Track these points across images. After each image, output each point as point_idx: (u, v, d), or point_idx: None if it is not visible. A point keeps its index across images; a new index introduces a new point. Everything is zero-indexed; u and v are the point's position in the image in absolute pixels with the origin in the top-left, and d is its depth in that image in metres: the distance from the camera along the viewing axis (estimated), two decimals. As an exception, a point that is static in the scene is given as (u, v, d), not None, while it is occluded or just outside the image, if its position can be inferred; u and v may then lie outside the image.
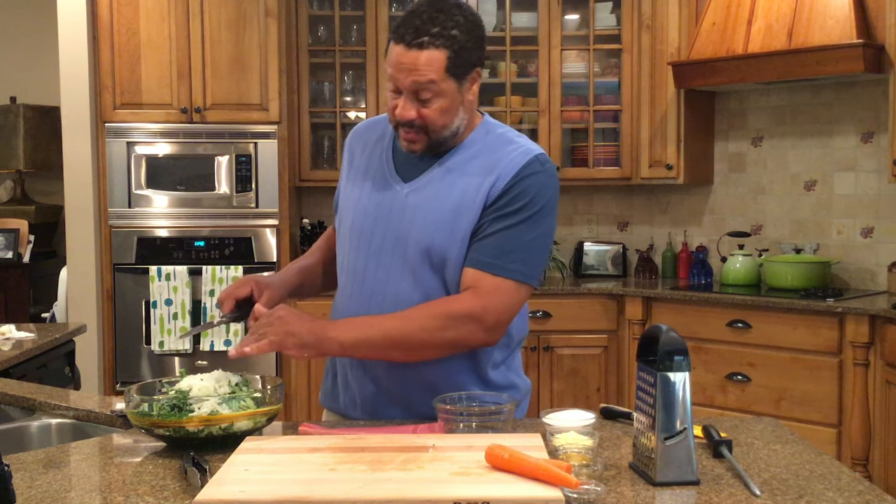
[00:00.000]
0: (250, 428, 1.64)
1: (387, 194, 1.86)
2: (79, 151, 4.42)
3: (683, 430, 1.42)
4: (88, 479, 1.50)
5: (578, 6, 4.79)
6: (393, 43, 1.74)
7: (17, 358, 2.86)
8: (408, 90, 1.74)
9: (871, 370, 3.64)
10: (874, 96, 4.15)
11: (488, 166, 1.80)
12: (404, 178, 1.85)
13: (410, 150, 1.81)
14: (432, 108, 1.75)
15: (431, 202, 1.81)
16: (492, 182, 1.78)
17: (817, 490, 1.39)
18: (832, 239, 4.34)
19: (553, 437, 1.55)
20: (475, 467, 1.40)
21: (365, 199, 1.88)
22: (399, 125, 1.79)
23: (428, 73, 1.72)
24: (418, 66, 1.71)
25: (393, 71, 1.74)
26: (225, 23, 4.42)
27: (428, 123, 1.76)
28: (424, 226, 1.80)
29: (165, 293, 4.38)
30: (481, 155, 1.82)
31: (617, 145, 4.75)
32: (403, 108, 1.75)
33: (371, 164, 1.92)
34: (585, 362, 4.43)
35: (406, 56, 1.71)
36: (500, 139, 1.85)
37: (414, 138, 1.79)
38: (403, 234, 1.82)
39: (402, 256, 1.82)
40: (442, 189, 1.81)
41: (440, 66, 1.72)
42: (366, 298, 1.84)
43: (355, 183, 1.93)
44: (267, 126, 4.46)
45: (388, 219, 1.84)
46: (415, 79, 1.72)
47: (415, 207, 1.81)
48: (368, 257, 1.85)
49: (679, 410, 1.42)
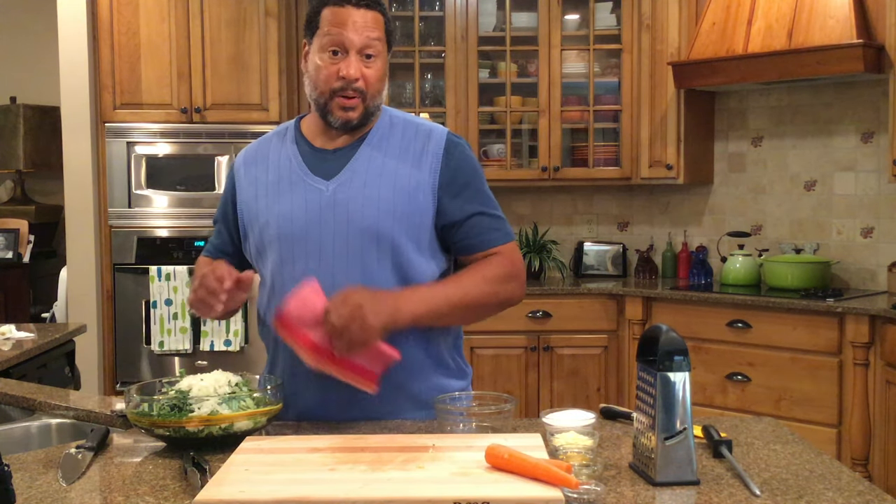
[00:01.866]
0: (250, 428, 1.64)
1: (310, 196, 1.83)
2: (79, 151, 4.42)
3: (683, 430, 1.42)
4: (88, 479, 1.50)
5: (578, 6, 4.79)
6: (333, 6, 1.80)
7: (17, 358, 2.86)
8: (356, 48, 1.79)
9: (871, 370, 3.64)
10: (874, 96, 4.15)
11: (411, 147, 1.86)
12: (323, 176, 1.85)
13: (347, 117, 1.81)
14: (374, 69, 1.81)
15: (366, 191, 1.82)
16: (429, 163, 1.84)
17: (817, 490, 1.39)
18: (832, 239, 4.34)
19: (553, 437, 1.55)
20: (475, 467, 1.40)
21: (286, 207, 1.84)
22: (337, 92, 1.80)
23: (375, 31, 1.81)
24: (369, 24, 1.80)
25: (340, 30, 1.78)
26: (225, 23, 4.42)
27: (368, 86, 1.80)
28: (365, 216, 1.80)
29: (165, 293, 4.38)
30: (396, 137, 1.88)
31: (617, 145, 4.75)
32: (351, 66, 1.78)
33: (280, 174, 1.88)
34: (585, 362, 4.43)
35: (357, 14, 1.79)
36: (406, 121, 1.92)
37: (354, 103, 1.80)
38: (342, 231, 1.81)
39: (344, 253, 1.80)
40: (371, 177, 1.83)
41: (382, 28, 1.83)
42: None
43: (265, 197, 1.88)
44: (267, 126, 4.45)
45: (319, 219, 1.82)
46: (368, 35, 1.79)
47: (347, 201, 1.82)
48: (307, 261, 1.82)
49: (679, 410, 1.42)
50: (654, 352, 1.44)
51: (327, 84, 1.80)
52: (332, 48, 1.79)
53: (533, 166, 4.80)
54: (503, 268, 1.84)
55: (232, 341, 4.39)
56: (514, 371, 4.41)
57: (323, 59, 1.80)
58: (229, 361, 4.33)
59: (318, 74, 1.81)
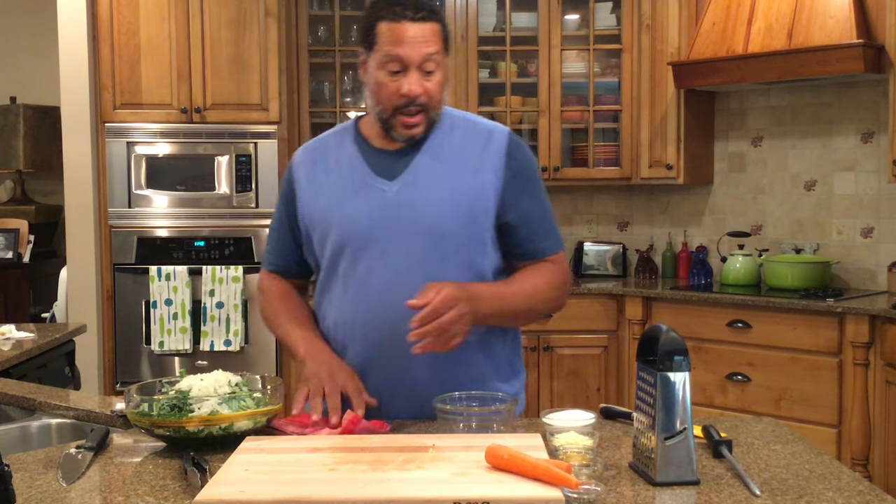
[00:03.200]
0: (250, 428, 1.64)
1: (374, 197, 1.84)
2: (79, 151, 4.42)
3: (683, 430, 1.42)
4: (88, 479, 1.50)
5: (578, 6, 4.79)
6: (390, 22, 1.77)
7: (17, 358, 2.86)
8: (416, 64, 1.77)
9: (871, 370, 3.64)
10: (874, 96, 4.15)
11: (471, 148, 1.87)
12: (387, 177, 1.85)
13: (411, 134, 1.82)
14: (434, 82, 1.80)
15: (429, 192, 1.82)
16: (491, 163, 1.85)
17: (817, 490, 1.39)
18: (832, 239, 4.34)
19: (553, 437, 1.55)
20: (475, 467, 1.40)
21: (350, 209, 1.85)
22: (399, 108, 1.79)
23: (433, 44, 1.78)
24: (427, 37, 1.77)
25: (397, 48, 1.76)
26: (225, 23, 4.42)
27: (430, 99, 1.79)
28: (429, 217, 1.81)
29: (165, 293, 4.38)
30: (456, 137, 1.88)
31: (617, 145, 4.75)
32: (412, 83, 1.77)
33: (342, 174, 1.89)
34: (585, 362, 4.43)
35: (414, 29, 1.76)
36: (466, 121, 1.93)
37: (418, 120, 1.80)
38: (406, 232, 1.82)
39: (408, 254, 1.81)
40: (434, 178, 1.83)
41: (440, 37, 1.81)
42: (372, 303, 1.83)
43: (326, 198, 1.88)
44: (267, 126, 4.46)
45: (382, 221, 1.83)
46: (426, 51, 1.77)
47: (411, 202, 1.82)
48: (370, 262, 1.83)
49: (679, 410, 1.42)
50: (655, 352, 1.44)
51: (389, 101, 1.79)
52: (391, 65, 1.77)
53: (533, 166, 4.79)
54: (561, 275, 1.90)
55: (232, 341, 4.39)
56: (514, 371, 4.40)
57: (383, 77, 1.79)
58: (229, 361, 4.33)
59: (380, 91, 1.80)
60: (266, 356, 4.46)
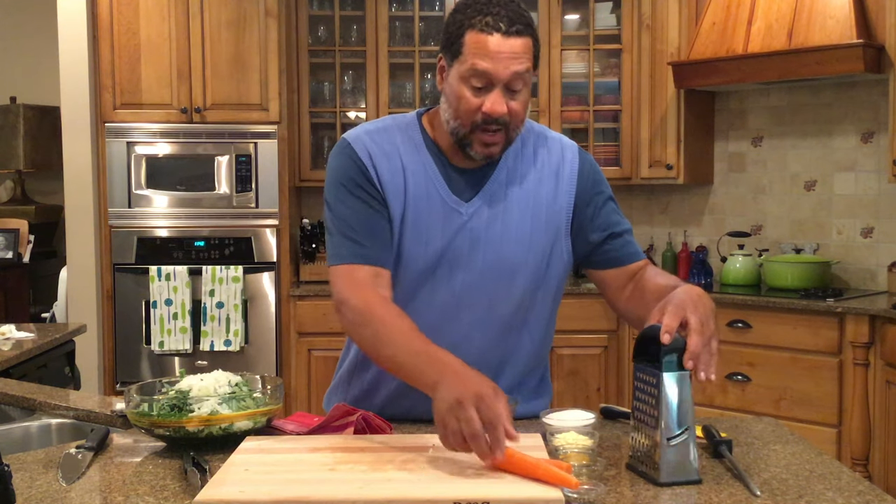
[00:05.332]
0: (250, 428, 1.64)
1: (448, 219, 1.73)
2: (79, 151, 4.42)
3: (686, 430, 1.42)
4: (88, 479, 1.50)
5: (578, 6, 4.79)
6: (479, 32, 1.62)
7: (17, 358, 2.86)
8: (503, 82, 1.63)
9: (871, 370, 3.64)
10: (874, 96, 4.15)
11: (546, 164, 1.80)
12: (462, 197, 1.74)
13: (488, 153, 1.69)
14: (520, 101, 1.66)
15: (504, 223, 1.74)
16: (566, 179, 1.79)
17: (817, 490, 1.39)
18: (832, 239, 4.34)
19: (553, 437, 1.55)
20: (475, 467, 1.40)
21: (423, 228, 1.72)
22: (478, 126, 1.65)
23: (525, 62, 1.64)
24: (519, 55, 1.63)
25: (485, 63, 1.61)
26: (225, 23, 4.42)
27: (513, 118, 1.66)
28: (501, 251, 1.74)
29: (165, 293, 4.38)
30: (528, 153, 1.79)
31: (617, 145, 4.75)
32: (496, 102, 1.63)
33: (417, 184, 1.73)
34: (585, 362, 4.43)
35: (506, 44, 1.61)
36: (534, 134, 1.83)
37: (497, 139, 1.67)
38: (474, 260, 1.74)
39: (473, 282, 1.74)
40: (511, 205, 1.75)
41: (531, 54, 1.66)
42: (430, 326, 1.63)
43: (401, 207, 1.73)
44: (267, 126, 4.46)
45: (453, 244, 1.73)
46: (516, 69, 1.62)
47: (486, 231, 1.74)
48: (434, 287, 1.74)
49: (682, 410, 1.42)
50: (652, 352, 1.44)
51: (468, 117, 1.65)
52: (475, 80, 1.63)
53: (533, 166, 4.79)
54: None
55: (232, 341, 4.39)
56: (514, 371, 4.40)
57: (466, 90, 1.64)
58: (229, 361, 4.33)
59: (460, 105, 1.65)
60: (266, 356, 4.46)
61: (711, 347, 1.43)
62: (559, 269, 1.82)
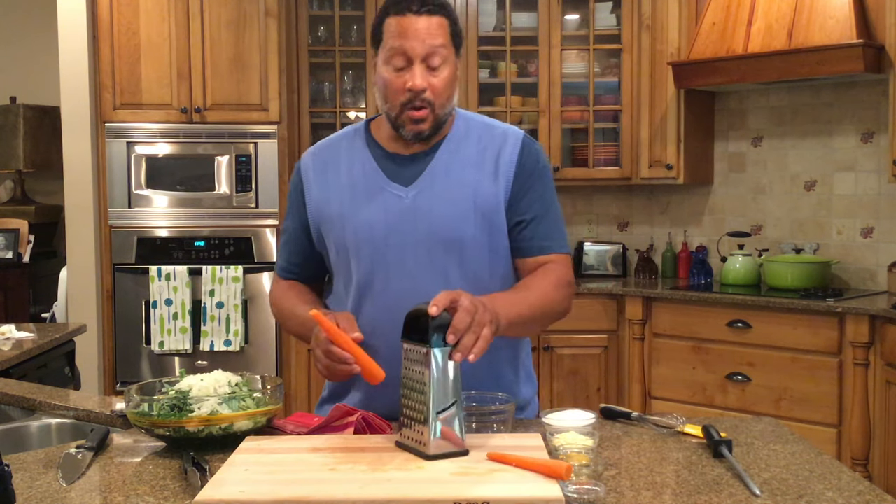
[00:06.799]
0: (250, 428, 1.64)
1: (390, 203, 1.80)
2: (79, 151, 4.42)
3: (454, 404, 1.46)
4: (88, 479, 1.50)
5: (578, 6, 4.79)
6: (394, 15, 1.74)
7: (17, 358, 2.86)
8: (421, 57, 1.73)
9: (871, 370, 3.64)
10: (874, 96, 4.15)
11: (487, 151, 1.84)
12: (402, 182, 1.82)
13: (418, 129, 1.77)
14: (441, 78, 1.75)
15: (445, 198, 1.80)
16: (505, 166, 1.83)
17: (817, 490, 1.39)
18: (832, 239, 4.34)
19: (553, 437, 1.55)
20: (475, 467, 1.40)
21: (365, 215, 1.81)
22: (406, 105, 1.75)
23: (439, 37, 1.74)
24: (432, 31, 1.73)
25: (402, 41, 1.72)
26: (225, 23, 4.42)
27: (436, 95, 1.75)
28: (446, 224, 1.79)
29: (165, 293, 4.38)
30: (472, 142, 1.85)
31: (617, 145, 4.75)
32: (416, 76, 1.73)
33: (355, 179, 1.84)
34: (585, 362, 4.43)
35: (418, 22, 1.73)
36: (482, 125, 1.89)
37: (423, 115, 1.75)
38: (423, 239, 1.79)
39: (426, 262, 1.79)
40: (451, 183, 1.81)
41: (447, 32, 1.76)
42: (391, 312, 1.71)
43: (340, 204, 1.84)
44: (267, 126, 4.46)
45: (399, 227, 1.79)
46: (431, 43, 1.73)
47: (428, 208, 1.80)
48: (388, 270, 1.80)
49: (449, 384, 1.46)
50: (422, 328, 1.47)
51: (396, 98, 1.76)
52: (396, 60, 1.74)
53: (533, 166, 4.79)
54: (567, 275, 1.86)
55: (232, 341, 4.39)
56: (514, 371, 4.40)
57: (389, 72, 1.75)
58: (229, 361, 4.33)
59: (387, 88, 1.76)
60: (266, 356, 4.46)
61: (478, 331, 1.49)
62: (503, 248, 1.85)
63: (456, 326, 1.46)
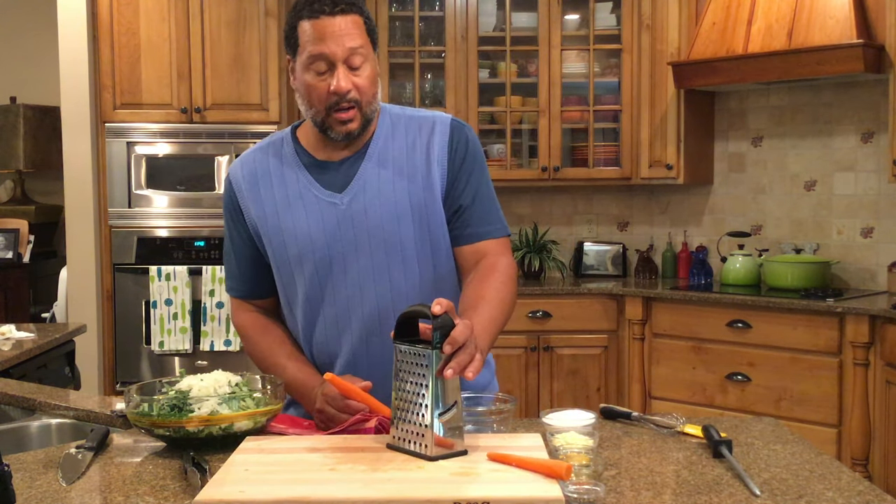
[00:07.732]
0: (250, 428, 1.64)
1: (326, 211, 1.78)
2: (79, 151, 4.42)
3: (454, 405, 1.47)
4: (88, 479, 1.50)
5: (578, 6, 4.79)
6: (308, 19, 1.71)
7: (17, 358, 2.86)
8: (341, 59, 1.70)
9: (871, 370, 3.64)
10: (874, 96, 4.15)
11: (417, 143, 1.83)
12: (335, 189, 1.79)
13: (346, 130, 1.74)
14: (364, 76, 1.73)
15: (381, 199, 1.78)
16: (437, 154, 1.81)
17: (817, 490, 1.39)
18: (832, 239, 4.34)
19: (553, 437, 1.55)
20: (475, 467, 1.40)
21: (303, 226, 1.79)
22: (332, 108, 1.73)
23: (357, 37, 1.71)
24: (349, 31, 1.70)
25: (320, 47, 1.69)
26: (225, 23, 4.42)
27: (362, 94, 1.73)
28: (385, 225, 1.77)
29: (165, 293, 4.38)
30: (400, 137, 1.83)
31: (617, 145, 4.75)
32: (341, 79, 1.70)
33: (288, 190, 1.81)
34: (585, 362, 4.43)
35: (333, 24, 1.69)
36: (407, 118, 1.87)
37: (351, 115, 1.73)
38: (364, 243, 1.78)
39: (369, 267, 1.78)
40: (384, 183, 1.79)
41: (363, 30, 1.74)
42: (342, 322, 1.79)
43: (276, 217, 1.81)
44: (267, 126, 4.46)
45: (338, 234, 1.78)
46: (350, 45, 1.70)
47: (365, 211, 1.78)
48: (332, 278, 1.79)
49: (450, 385, 1.46)
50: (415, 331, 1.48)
51: (321, 102, 1.73)
52: (317, 65, 1.71)
53: (533, 166, 4.80)
54: (510, 267, 1.81)
55: (232, 341, 4.39)
56: (514, 371, 4.41)
57: (311, 78, 1.72)
58: (229, 361, 4.33)
59: (310, 94, 1.74)
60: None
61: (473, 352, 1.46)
62: (444, 242, 1.83)
63: (455, 338, 1.44)
